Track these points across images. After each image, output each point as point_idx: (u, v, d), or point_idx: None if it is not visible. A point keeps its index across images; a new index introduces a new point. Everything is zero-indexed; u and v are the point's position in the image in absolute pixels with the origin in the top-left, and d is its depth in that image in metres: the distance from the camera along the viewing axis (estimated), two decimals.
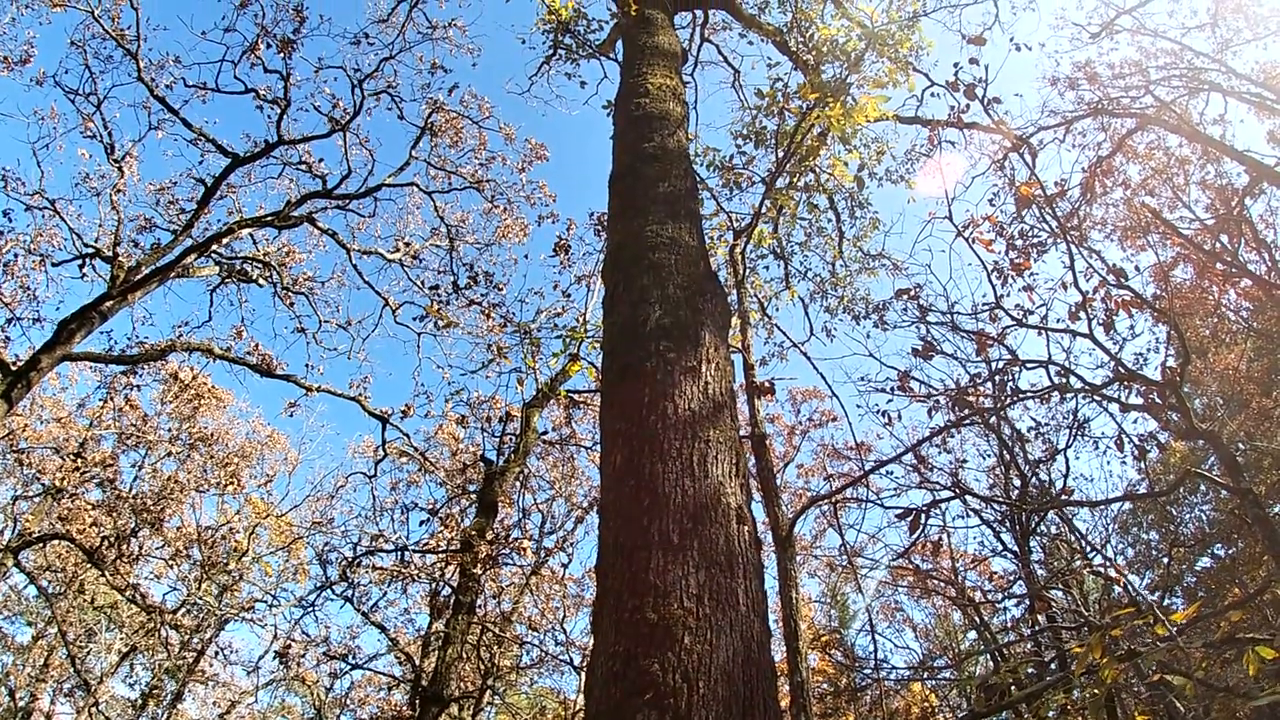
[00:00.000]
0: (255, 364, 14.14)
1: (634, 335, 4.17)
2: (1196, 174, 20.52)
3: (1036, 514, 13.49)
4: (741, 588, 3.26)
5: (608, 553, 3.53)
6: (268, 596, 18.88)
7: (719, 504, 3.44)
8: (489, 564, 9.37)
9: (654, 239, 4.78)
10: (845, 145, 7.70)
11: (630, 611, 3.10)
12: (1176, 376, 9.94)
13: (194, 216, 14.77)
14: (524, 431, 10.80)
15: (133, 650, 22.64)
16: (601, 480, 3.86)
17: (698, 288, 4.52)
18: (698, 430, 3.68)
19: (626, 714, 2.84)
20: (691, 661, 2.91)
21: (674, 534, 3.28)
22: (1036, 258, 11.06)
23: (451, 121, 14.74)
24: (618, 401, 4.02)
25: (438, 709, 8.69)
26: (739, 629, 3.10)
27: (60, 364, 14.69)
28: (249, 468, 21.62)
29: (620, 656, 3.03)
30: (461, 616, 9.14)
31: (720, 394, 3.97)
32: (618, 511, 3.57)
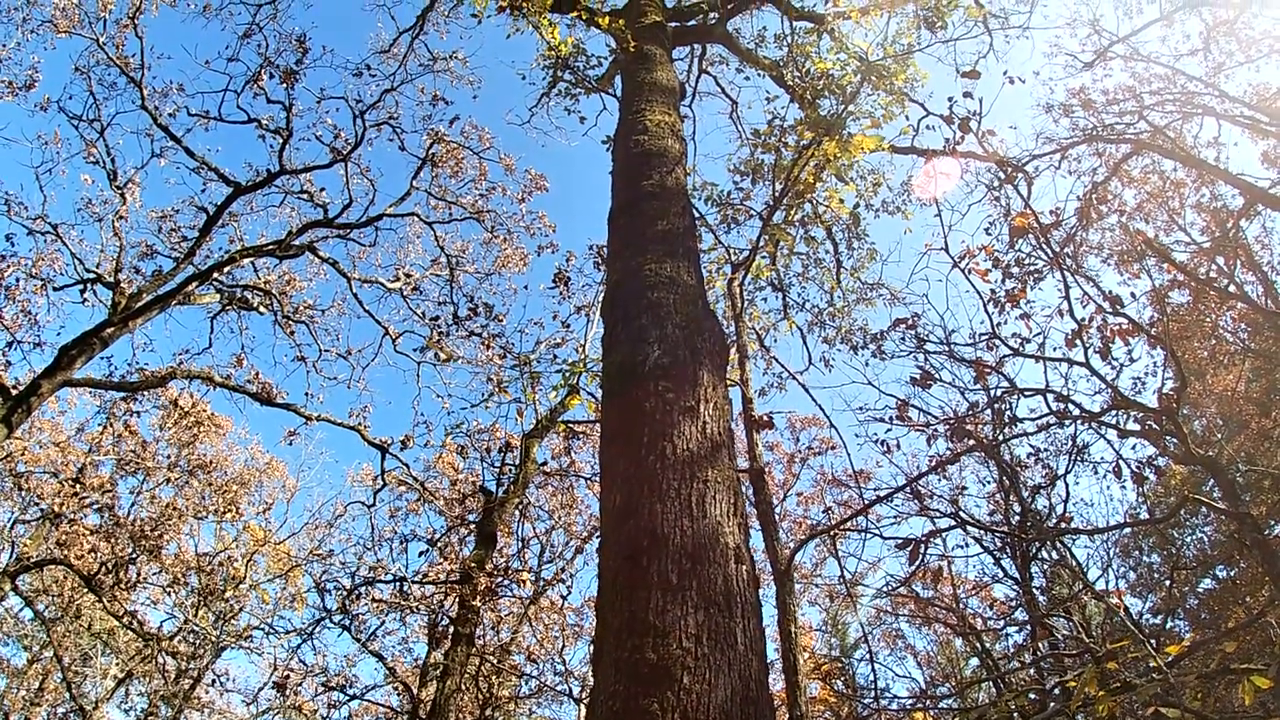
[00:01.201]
0: (255, 392, 14.18)
1: (633, 375, 4.21)
2: (1192, 197, 20.68)
3: (1037, 542, 13.49)
4: (740, 627, 3.30)
5: (608, 591, 3.56)
6: (265, 625, 18.78)
7: (717, 544, 3.48)
8: (488, 596, 9.36)
9: (653, 277, 4.84)
10: (841, 180, 7.79)
11: (630, 651, 3.13)
12: (1173, 403, 9.99)
13: (196, 244, 14.87)
14: (523, 462, 10.83)
15: (128, 676, 22.46)
16: (602, 518, 3.89)
17: (696, 327, 4.57)
18: (696, 470, 3.72)
19: None
20: (690, 701, 2.94)
21: (673, 574, 3.31)
22: (1033, 285, 11.13)
23: (452, 152, 14.88)
24: (617, 440, 4.07)
25: None
26: (737, 668, 3.13)
27: (60, 389, 14.74)
28: (247, 495, 21.59)
29: (620, 696, 3.05)
30: (460, 648, 9.11)
31: (718, 433, 4.02)
32: (617, 551, 3.60)
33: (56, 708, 25.48)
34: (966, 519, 9.18)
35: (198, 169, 15.12)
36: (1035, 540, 11.43)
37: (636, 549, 3.45)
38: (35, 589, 19.42)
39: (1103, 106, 19.27)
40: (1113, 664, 4.60)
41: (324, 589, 10.84)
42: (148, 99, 14.67)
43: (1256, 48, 18.58)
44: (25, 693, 24.65)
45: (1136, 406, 9.67)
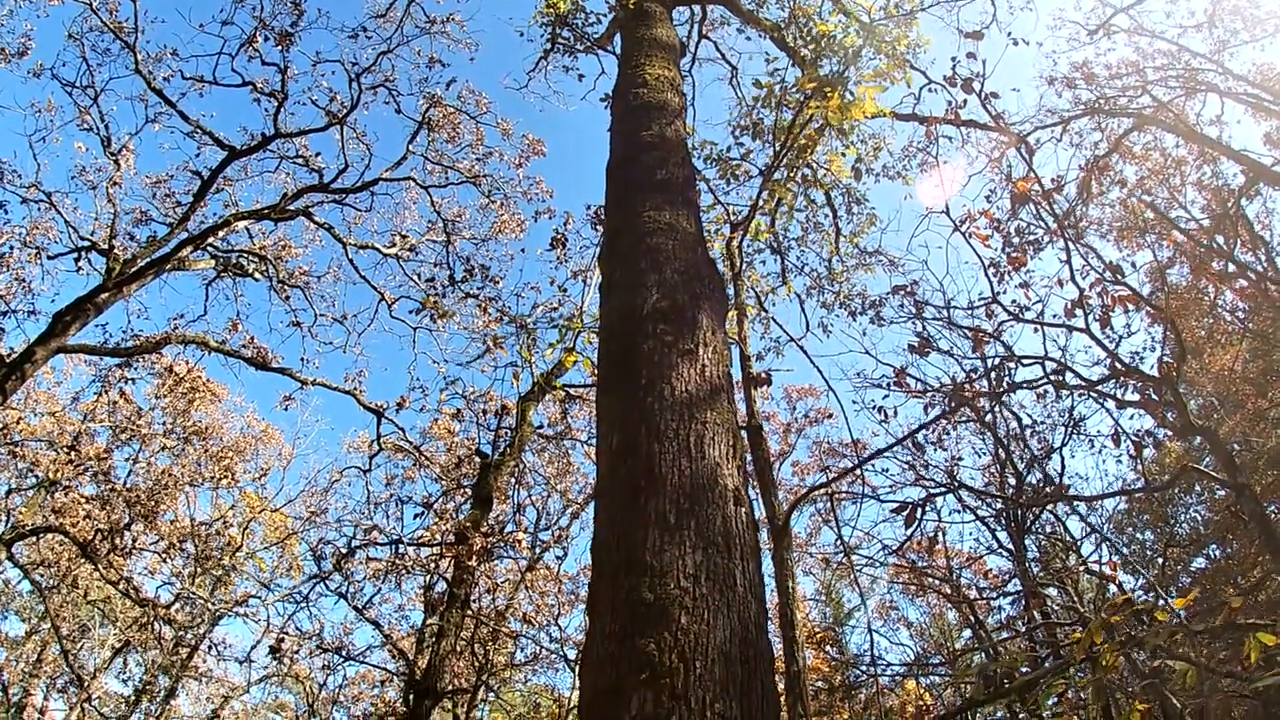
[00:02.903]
0: (250, 357, 14.11)
1: (631, 319, 4.15)
2: (1193, 174, 20.57)
3: (1032, 510, 13.50)
4: (739, 569, 3.25)
5: (604, 532, 3.51)
6: (262, 592, 18.83)
7: (716, 484, 3.43)
8: (484, 556, 9.34)
9: (651, 224, 4.77)
10: (842, 139, 7.70)
11: (626, 591, 3.09)
12: (1173, 372, 9.95)
13: (190, 209, 14.74)
14: (519, 425, 10.78)
15: (126, 645, 22.54)
16: (598, 461, 3.84)
17: (695, 273, 4.50)
18: (695, 412, 3.67)
19: (623, 694, 2.82)
20: (688, 641, 2.89)
21: (670, 514, 3.26)
22: (1033, 255, 11.07)
23: (449, 116, 14.71)
24: (615, 384, 4.01)
25: (431, 703, 8.67)
26: (736, 609, 3.08)
27: (55, 356, 14.64)
28: (243, 462, 21.57)
29: (616, 636, 3.01)
30: (456, 610, 9.12)
31: (717, 377, 3.96)
32: (614, 491, 3.55)
33: (55, 679, 25.61)
34: (962, 484, 9.16)
35: (192, 133, 14.95)
36: (1031, 505, 11.44)
37: (634, 488, 3.40)
38: (32, 560, 19.42)
39: (1105, 81, 19.12)
40: (1116, 618, 4.58)
41: (320, 554, 10.84)
42: (141, 64, 14.48)
43: (1261, 27, 18.41)
44: (23, 664, 24.75)
45: (1136, 374, 9.62)
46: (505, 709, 16.80)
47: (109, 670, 24.30)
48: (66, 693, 25.37)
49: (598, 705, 2.98)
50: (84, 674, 23.14)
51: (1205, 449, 17.96)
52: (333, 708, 18.11)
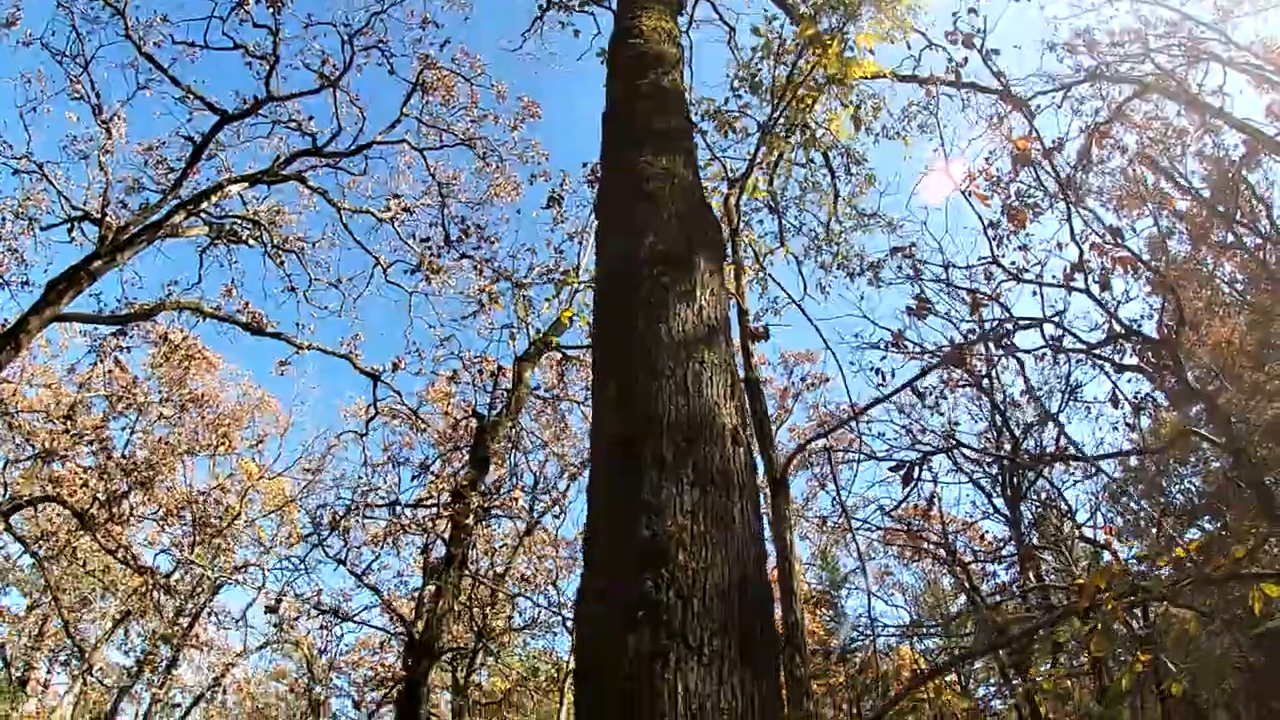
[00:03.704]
0: (245, 322, 14.04)
1: (628, 262, 4.10)
2: (1194, 145, 20.44)
3: (1028, 476, 13.54)
4: (737, 508, 3.21)
5: (600, 471, 3.47)
6: (261, 559, 18.90)
7: (714, 424, 3.39)
8: (481, 515, 9.35)
9: (648, 171, 4.70)
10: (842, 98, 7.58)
11: (623, 530, 3.05)
12: (1173, 335, 9.92)
13: (183, 175, 14.63)
14: (516, 386, 10.74)
15: (127, 615, 22.64)
16: (594, 401, 3.79)
17: (693, 218, 4.45)
18: (692, 352, 3.62)
19: (620, 632, 2.79)
20: (686, 579, 2.86)
21: (668, 452, 3.22)
22: (1033, 219, 10.99)
23: (443, 79, 14.55)
24: (611, 326, 3.96)
25: (429, 661, 8.72)
26: (735, 548, 3.05)
27: (49, 325, 14.57)
28: (240, 430, 21.55)
29: (612, 575, 2.98)
30: (453, 570, 9.14)
31: (715, 320, 3.92)
32: (610, 430, 3.51)
33: (57, 652, 25.74)
34: (960, 442, 9.16)
35: (183, 98, 14.80)
36: (1030, 466, 11.45)
37: (630, 427, 3.36)
38: (33, 534, 19.45)
39: (1107, 49, 18.91)
40: (1118, 565, 4.57)
41: (318, 520, 10.84)
42: (132, 30, 14.31)
43: None
44: (25, 638, 24.84)
45: (1136, 336, 9.59)
46: (504, 672, 16.94)
47: (110, 642, 24.45)
48: (69, 665, 25.54)
49: (595, 644, 2.96)
50: (85, 646, 23.28)
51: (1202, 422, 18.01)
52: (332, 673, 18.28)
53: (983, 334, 8.74)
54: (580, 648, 3.12)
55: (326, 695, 17.42)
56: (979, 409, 15.42)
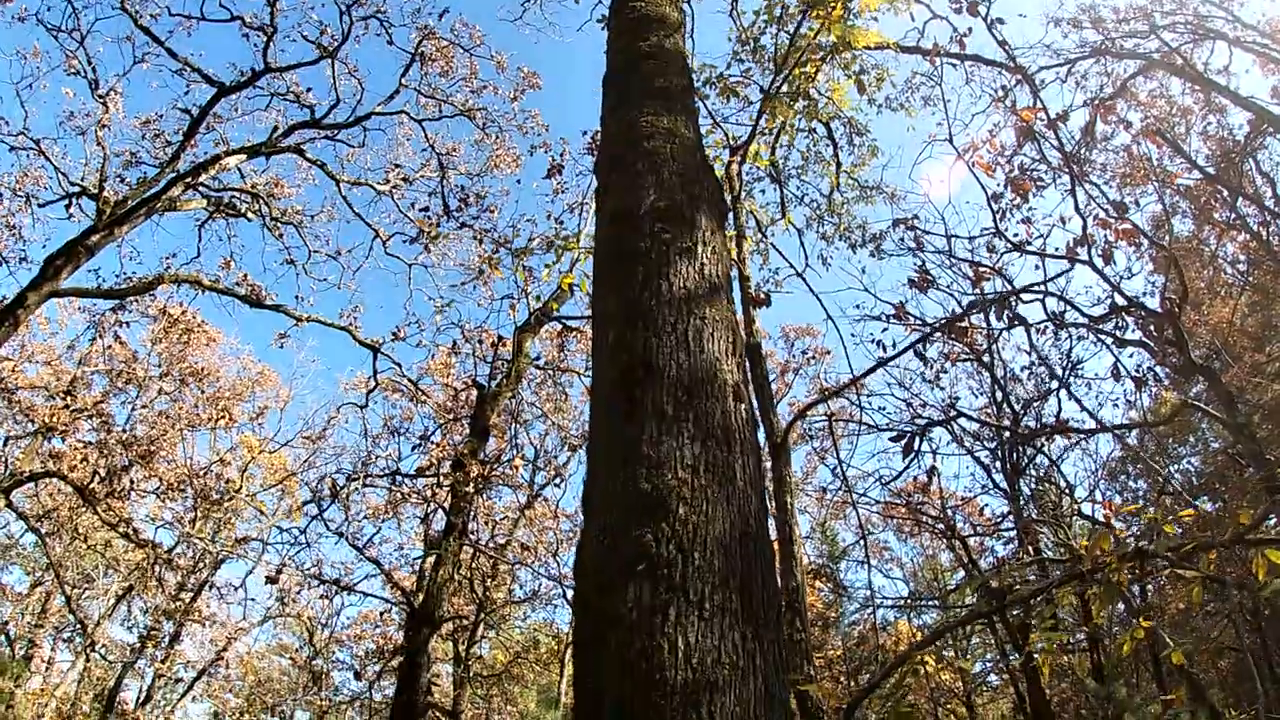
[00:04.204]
0: (244, 295, 14.00)
1: (628, 218, 4.05)
2: (1198, 124, 20.33)
3: (1027, 451, 13.54)
4: (739, 463, 3.18)
5: (599, 427, 3.44)
6: (263, 534, 18.96)
7: (715, 379, 3.35)
8: (481, 483, 9.35)
9: (649, 129, 4.65)
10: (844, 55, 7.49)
11: (622, 483, 3.02)
12: (1175, 309, 9.88)
13: (180, 148, 14.54)
14: (516, 356, 10.71)
15: (129, 591, 22.75)
16: (594, 359, 3.76)
17: (694, 175, 4.40)
18: (693, 307, 3.58)
19: (619, 586, 2.77)
20: (687, 533, 2.83)
21: (668, 405, 3.19)
22: (1036, 193, 10.91)
23: (442, 50, 14.42)
24: (611, 282, 3.92)
25: (429, 630, 8.75)
26: (736, 502, 3.02)
27: (48, 301, 14.52)
28: (240, 404, 21.56)
29: (611, 529, 2.95)
30: (453, 538, 9.16)
31: (717, 276, 3.88)
32: (609, 385, 3.48)
33: (61, 630, 25.85)
34: (961, 412, 9.13)
35: (180, 71, 14.68)
36: (1029, 438, 11.45)
37: (630, 381, 3.32)
38: (35, 512, 19.50)
39: (1113, 25, 18.73)
40: (1121, 530, 4.55)
41: (319, 494, 10.83)
42: (128, 2, 14.15)
43: None
44: (29, 616, 24.94)
45: (1138, 308, 9.55)
46: (505, 644, 17.04)
47: (113, 618, 24.56)
48: (73, 643, 25.68)
49: (594, 598, 2.94)
50: (88, 622, 23.39)
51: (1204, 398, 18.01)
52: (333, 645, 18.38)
53: (985, 302, 8.69)
54: (579, 602, 3.10)
55: (329, 668, 17.56)
56: (979, 384, 15.44)
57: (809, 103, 8.27)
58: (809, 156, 9.51)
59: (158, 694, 25.75)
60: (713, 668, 2.65)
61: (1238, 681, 20.17)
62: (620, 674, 2.66)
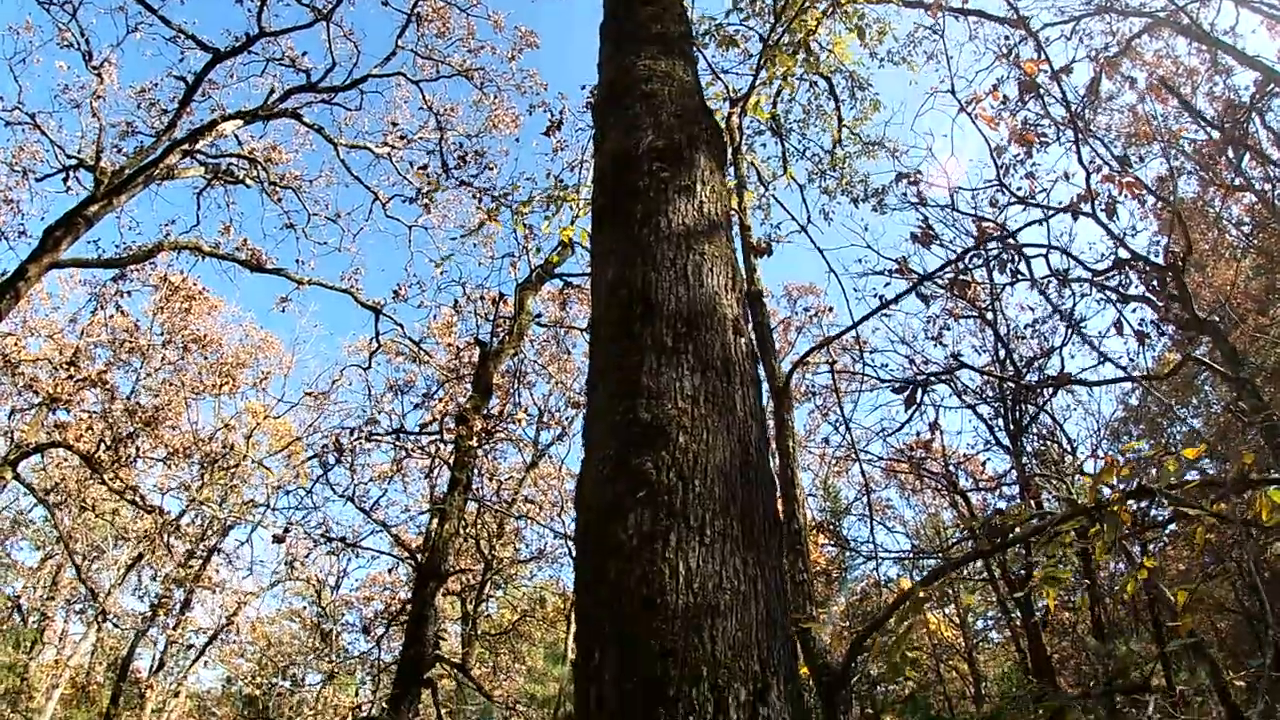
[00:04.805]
0: (245, 259, 13.97)
1: (626, 158, 4.03)
2: (1204, 85, 20.11)
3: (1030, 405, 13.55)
4: (739, 394, 3.18)
5: (598, 362, 3.45)
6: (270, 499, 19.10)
7: (715, 312, 3.35)
8: (484, 438, 9.41)
9: (647, 72, 4.61)
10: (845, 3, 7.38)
11: (622, 414, 3.02)
12: (1179, 262, 9.83)
13: (176, 116, 14.45)
14: (518, 313, 10.71)
15: (139, 559, 22.96)
16: (593, 297, 3.76)
17: (692, 116, 4.36)
18: (692, 243, 3.57)
19: (619, 515, 2.78)
20: (687, 460, 2.83)
21: (668, 338, 3.18)
22: (1040, 148, 10.82)
23: (438, 10, 14.24)
24: (609, 222, 3.91)
25: (436, 584, 8.85)
26: (736, 432, 3.02)
27: (48, 272, 14.51)
28: (244, 371, 21.62)
29: (611, 459, 2.95)
30: (458, 493, 9.24)
31: (716, 214, 3.86)
32: (608, 321, 3.48)
33: (72, 602, 26.12)
34: (963, 363, 9.13)
35: (174, 38, 14.54)
36: (1033, 389, 11.45)
37: (629, 316, 3.32)
38: (43, 486, 19.63)
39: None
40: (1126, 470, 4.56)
41: (324, 458, 10.90)
42: None
43: None
44: (40, 589, 25.18)
45: (1142, 261, 9.50)
46: (512, 603, 17.22)
47: (124, 587, 24.81)
48: (84, 614, 25.95)
49: (594, 528, 2.95)
50: (99, 591, 23.62)
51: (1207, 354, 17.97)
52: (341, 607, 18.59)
53: (987, 259, 8.65)
54: (580, 534, 3.12)
55: (338, 631, 17.78)
56: (982, 342, 15.42)
57: (810, 55, 8.17)
58: (810, 110, 9.43)
59: (170, 661, 26.12)
60: (714, 592, 2.66)
61: (1236, 643, 20.38)
62: (621, 601, 2.67)
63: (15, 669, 23.07)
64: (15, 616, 24.68)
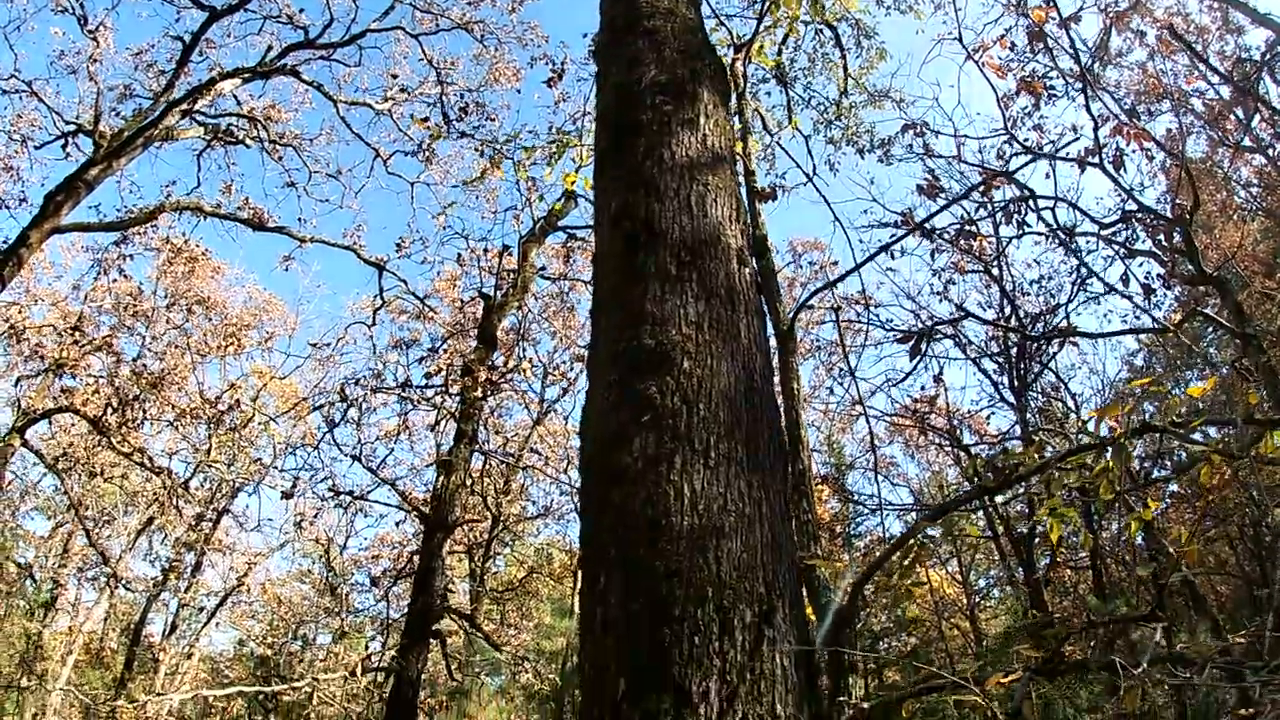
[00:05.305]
0: (247, 218, 13.92)
1: (629, 93, 4.00)
2: (1215, 44, 19.84)
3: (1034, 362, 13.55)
4: (743, 322, 3.18)
5: (603, 291, 3.44)
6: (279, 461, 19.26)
7: (719, 242, 3.34)
8: (490, 389, 9.43)
9: (649, 9, 4.55)
10: None
11: (625, 341, 3.02)
12: (1186, 215, 9.72)
13: (174, 76, 14.33)
14: (522, 266, 10.68)
15: (150, 523, 23.18)
16: (596, 231, 3.74)
17: (695, 52, 4.32)
18: (696, 174, 3.55)
19: (623, 440, 2.78)
20: (691, 385, 2.83)
21: (671, 266, 3.18)
22: (1048, 101, 10.68)
23: None
24: (613, 156, 3.89)
25: (443, 534, 8.94)
26: (740, 358, 3.02)
27: (50, 238, 14.48)
28: (248, 333, 21.65)
29: (616, 385, 2.96)
30: (464, 444, 9.30)
31: (720, 147, 3.83)
32: (612, 253, 3.47)
33: (84, 570, 26.37)
34: (968, 312, 9.11)
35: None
36: (1039, 338, 11.44)
37: (633, 245, 3.31)
38: (52, 454, 19.75)
39: None
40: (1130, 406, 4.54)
41: (330, 404, 10.93)
42: None
43: None
44: (52, 557, 25.39)
45: (1149, 213, 9.41)
46: (519, 560, 17.40)
47: (134, 553, 25.06)
48: (96, 580, 26.21)
49: (598, 453, 2.95)
50: (110, 556, 23.85)
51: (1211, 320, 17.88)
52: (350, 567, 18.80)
53: (993, 211, 8.56)
54: (584, 462, 3.13)
55: (347, 590, 18.04)
56: (987, 299, 15.38)
57: (814, 1, 8.04)
58: (815, 59, 9.29)
59: (182, 624, 26.49)
60: (719, 514, 2.66)
61: (1236, 608, 20.53)
62: (626, 524, 2.68)
63: (30, 637, 23.41)
64: (29, 585, 24.97)
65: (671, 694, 2.31)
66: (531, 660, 13.58)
